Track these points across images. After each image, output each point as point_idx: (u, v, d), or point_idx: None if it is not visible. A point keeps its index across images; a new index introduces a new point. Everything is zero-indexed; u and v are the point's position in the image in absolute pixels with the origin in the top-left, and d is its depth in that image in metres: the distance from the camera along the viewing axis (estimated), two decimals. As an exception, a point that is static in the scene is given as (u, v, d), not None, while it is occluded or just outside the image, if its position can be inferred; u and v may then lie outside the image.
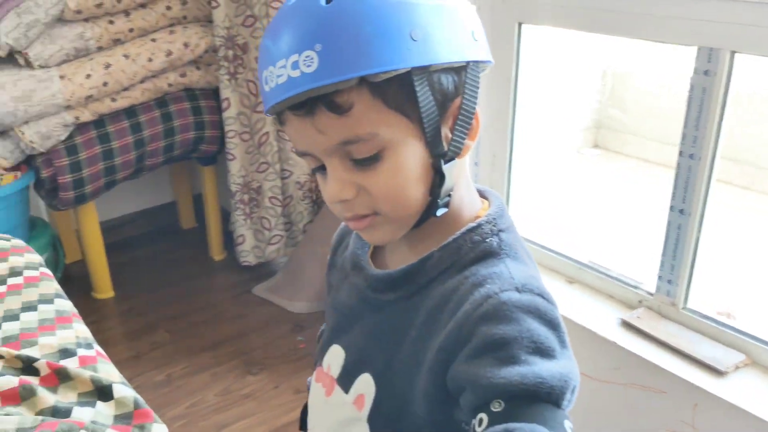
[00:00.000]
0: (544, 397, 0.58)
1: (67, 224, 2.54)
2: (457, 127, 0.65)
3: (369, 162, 0.62)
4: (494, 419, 0.57)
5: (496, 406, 0.58)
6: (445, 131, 0.64)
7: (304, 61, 0.58)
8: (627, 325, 1.51)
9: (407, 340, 0.68)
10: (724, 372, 1.36)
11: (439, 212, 0.66)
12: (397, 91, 0.60)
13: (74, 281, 2.46)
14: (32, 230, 2.21)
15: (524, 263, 0.68)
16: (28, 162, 2.07)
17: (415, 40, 0.59)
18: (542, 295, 0.65)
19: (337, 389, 0.74)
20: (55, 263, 2.27)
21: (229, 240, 2.47)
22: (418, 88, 0.61)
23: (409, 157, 0.63)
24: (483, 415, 0.58)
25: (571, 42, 3.13)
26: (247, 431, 1.83)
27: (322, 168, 0.65)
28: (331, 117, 0.59)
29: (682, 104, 1.39)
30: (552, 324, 0.65)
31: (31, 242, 2.13)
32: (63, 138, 2.02)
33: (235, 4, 2.09)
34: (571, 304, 1.60)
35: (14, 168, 2.04)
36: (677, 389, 1.38)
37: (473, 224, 0.68)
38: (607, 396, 1.52)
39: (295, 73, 0.58)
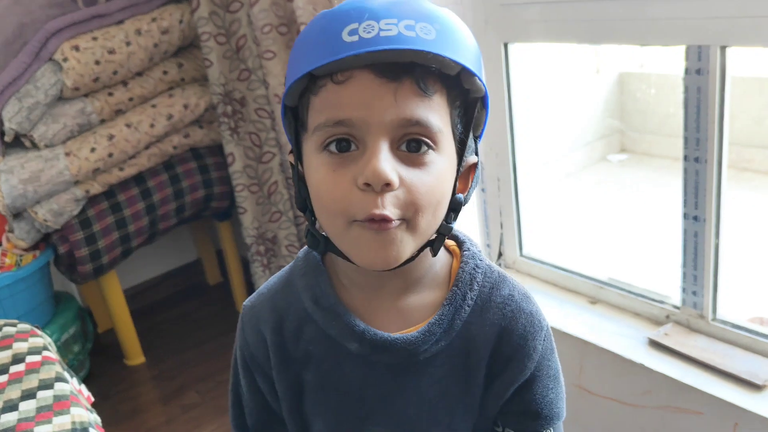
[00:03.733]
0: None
1: (97, 294, 2.57)
2: (473, 180, 0.68)
3: (417, 157, 0.59)
4: None
5: None
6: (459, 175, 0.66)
7: (422, 29, 0.57)
8: (655, 344, 1.43)
9: (465, 383, 0.68)
10: (762, 386, 1.26)
11: (436, 253, 0.66)
12: (460, 110, 0.64)
13: (106, 350, 2.49)
14: (58, 305, 2.24)
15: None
16: (45, 240, 2.11)
17: (484, 77, 0.65)
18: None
19: None
20: (84, 335, 2.29)
21: (253, 292, 2.46)
22: (477, 113, 0.65)
23: (447, 174, 0.63)
24: None
25: (578, 49, 3.07)
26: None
27: (345, 148, 0.59)
28: (415, 92, 0.58)
29: (679, 107, 1.32)
30: None
31: (57, 318, 2.16)
32: (76, 213, 2.05)
33: (228, 61, 2.10)
34: (595, 326, 1.52)
35: (33, 248, 2.08)
36: (715, 409, 1.29)
37: (467, 252, 0.70)
38: (640, 422, 1.43)
39: (410, 33, 0.57)
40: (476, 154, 0.68)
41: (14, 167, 1.93)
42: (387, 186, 0.57)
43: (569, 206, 2.95)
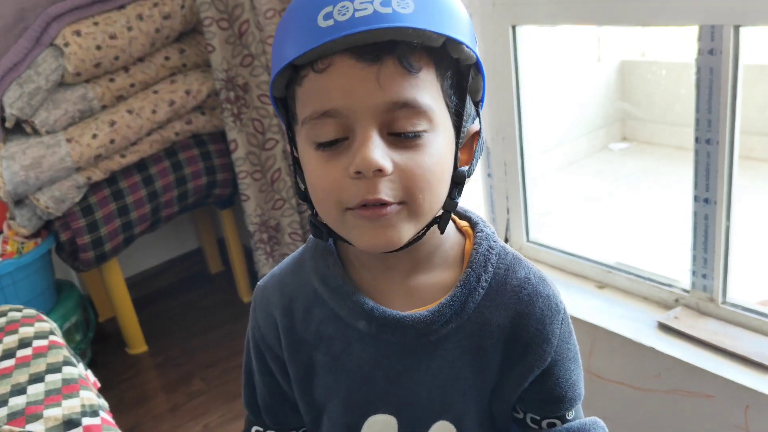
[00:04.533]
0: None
1: (98, 283, 2.56)
2: (477, 149, 0.65)
3: (410, 140, 0.57)
4: (565, 421, 0.69)
5: (570, 415, 0.70)
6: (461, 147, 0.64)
7: (399, 2, 0.54)
8: (665, 328, 1.42)
9: (478, 367, 0.66)
10: (774, 368, 1.26)
11: (443, 230, 0.65)
12: (453, 81, 0.60)
13: (108, 339, 2.48)
14: (60, 294, 2.22)
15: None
16: (47, 227, 2.10)
17: (476, 44, 0.62)
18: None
19: None
20: (86, 324, 2.28)
21: (256, 281, 2.45)
22: (472, 81, 0.62)
23: (445, 151, 0.61)
24: (555, 420, 0.69)
25: (580, 36, 3.06)
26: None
27: (334, 143, 0.58)
28: (399, 72, 0.55)
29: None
30: None
31: (59, 306, 2.15)
32: (77, 200, 2.03)
33: (231, 46, 2.08)
34: (604, 310, 1.52)
35: (35, 235, 2.06)
36: (726, 391, 1.29)
37: (480, 233, 0.69)
38: (651, 405, 1.43)
39: (386, 9, 0.54)
40: (479, 120, 0.65)
41: (15, 153, 1.91)
42: (379, 172, 0.56)
43: (574, 193, 2.95)
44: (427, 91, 0.57)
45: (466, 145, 0.65)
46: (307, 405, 0.72)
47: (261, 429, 0.78)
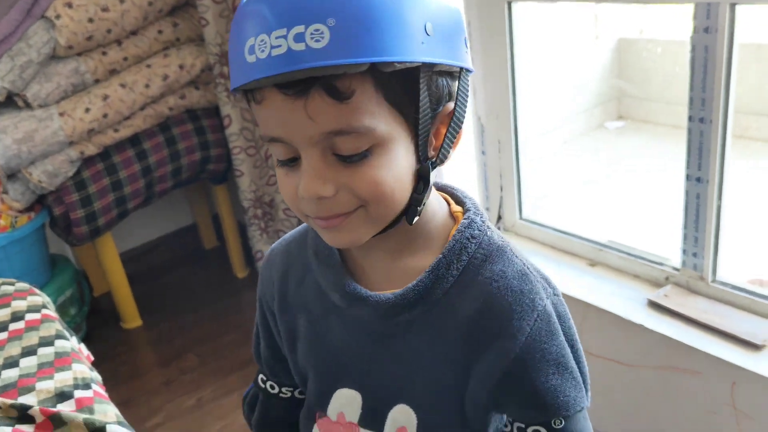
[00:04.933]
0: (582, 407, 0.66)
1: (92, 258, 2.56)
2: (448, 134, 0.62)
3: (356, 159, 0.56)
4: (551, 430, 0.64)
5: (558, 423, 0.64)
6: (431, 137, 0.61)
7: (312, 35, 0.51)
8: (654, 305, 1.44)
9: (442, 357, 0.64)
10: (761, 345, 1.27)
11: (415, 220, 0.62)
12: (400, 85, 0.56)
13: (103, 314, 2.48)
14: (54, 268, 2.23)
15: (515, 249, 0.67)
16: (40, 201, 2.09)
17: (428, 35, 0.55)
18: (556, 292, 0.67)
19: None
20: (80, 298, 2.28)
21: (251, 256, 2.46)
22: (421, 86, 0.57)
23: (399, 158, 0.58)
24: (541, 428, 0.64)
25: (578, 14, 3.03)
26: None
27: (291, 161, 0.58)
28: (328, 103, 0.53)
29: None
30: (572, 326, 0.67)
31: (53, 280, 2.15)
32: (71, 174, 2.03)
33: (225, 20, 2.06)
34: (595, 288, 1.53)
35: (28, 209, 2.06)
36: (713, 368, 1.30)
37: (465, 220, 0.66)
38: (639, 382, 1.44)
39: (299, 46, 0.51)
40: (462, 97, 0.62)
41: (7, 127, 1.90)
42: (321, 199, 0.57)
43: (569, 173, 2.94)
44: (365, 111, 0.55)
45: (442, 123, 0.62)
46: (294, 367, 0.76)
47: (264, 378, 0.83)
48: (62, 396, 0.98)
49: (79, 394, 0.99)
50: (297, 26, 0.51)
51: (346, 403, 0.69)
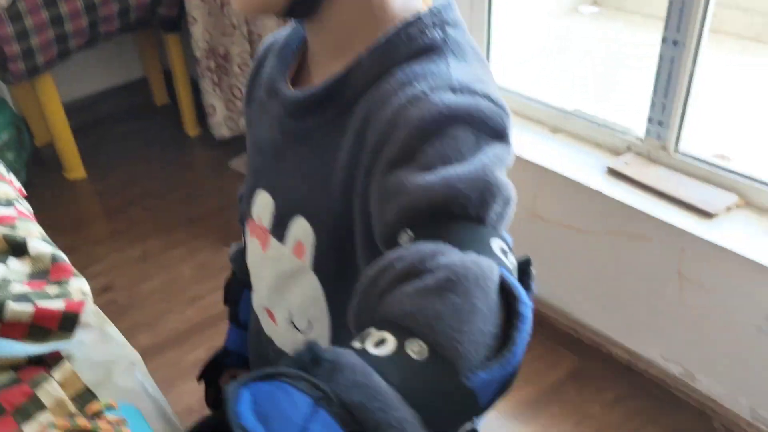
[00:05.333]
0: (460, 212, 0.45)
1: (34, 106, 2.41)
2: None
3: None
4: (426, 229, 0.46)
5: (406, 235, 0.46)
6: None
7: None
8: (614, 173, 1.41)
9: (337, 170, 0.57)
10: (714, 214, 1.27)
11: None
12: None
13: (45, 163, 2.37)
14: (-10, 109, 2.09)
15: (471, 64, 0.55)
16: (-28, 33, 1.92)
17: None
18: (488, 97, 0.51)
19: (273, 241, 0.64)
20: (19, 143, 2.16)
21: (204, 114, 2.35)
22: None
23: None
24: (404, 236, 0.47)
25: None
26: (222, 303, 1.78)
27: None
28: None
29: None
30: (496, 132, 0.51)
31: (-11, 121, 2.02)
32: (5, 4, 1.85)
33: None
34: (555, 153, 1.49)
35: (-42, 40, 1.89)
36: (664, 235, 1.30)
37: (410, 18, 0.54)
38: (591, 247, 1.45)
39: None
40: None
41: (-70, -59, 1.70)
42: None
43: (540, 46, 2.87)
44: None
45: None
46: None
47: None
48: (-17, 212, 0.91)
49: (0, 211, 0.92)
50: None
51: (262, 207, 0.66)
